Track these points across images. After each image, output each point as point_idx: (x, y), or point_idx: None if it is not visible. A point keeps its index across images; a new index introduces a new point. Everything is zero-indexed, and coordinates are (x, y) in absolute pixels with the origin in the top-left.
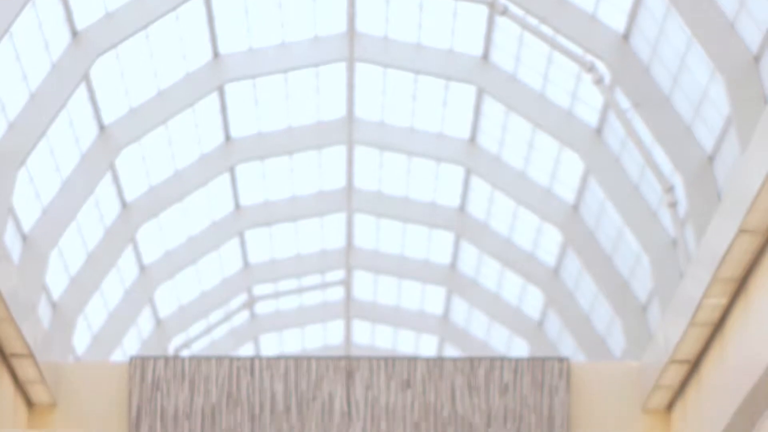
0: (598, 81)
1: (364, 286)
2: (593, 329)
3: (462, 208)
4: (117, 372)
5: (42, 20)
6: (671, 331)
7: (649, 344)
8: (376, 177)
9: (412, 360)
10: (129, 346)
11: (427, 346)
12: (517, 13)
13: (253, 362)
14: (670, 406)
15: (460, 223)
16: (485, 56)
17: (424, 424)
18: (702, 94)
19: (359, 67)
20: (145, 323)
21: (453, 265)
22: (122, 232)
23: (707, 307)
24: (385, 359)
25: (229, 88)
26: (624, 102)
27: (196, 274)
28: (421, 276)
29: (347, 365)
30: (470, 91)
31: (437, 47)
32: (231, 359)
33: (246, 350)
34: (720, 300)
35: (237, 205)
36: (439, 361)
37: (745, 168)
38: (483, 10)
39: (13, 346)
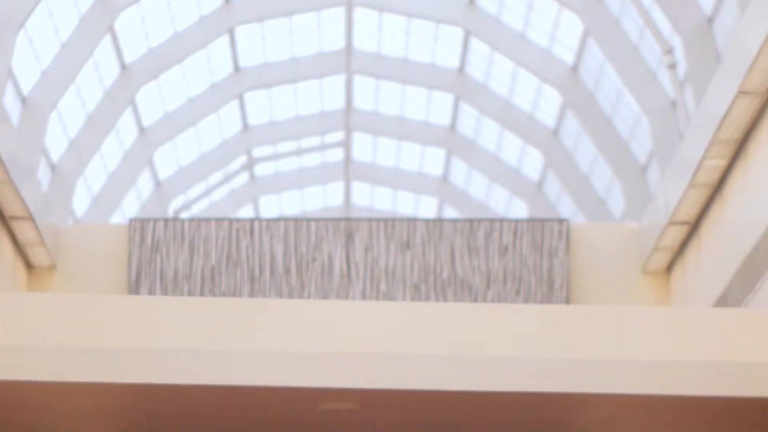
0: None
1: (364, 147)
2: (593, 190)
3: (461, 69)
4: (116, 234)
5: None
6: (671, 193)
7: (648, 206)
8: (375, 38)
9: (412, 221)
10: (128, 208)
11: (426, 207)
12: None
13: (252, 224)
14: (669, 267)
15: (460, 84)
16: None
17: (424, 286)
18: None
19: None
20: (144, 185)
21: (452, 127)
22: (122, 94)
23: (706, 168)
24: (385, 221)
25: None
26: None
27: (196, 135)
28: (421, 137)
29: (347, 227)
30: None
31: None
32: (230, 221)
33: (245, 212)
34: (719, 161)
35: (236, 67)
36: (438, 222)
37: (744, 30)
38: None
39: (12, 208)
